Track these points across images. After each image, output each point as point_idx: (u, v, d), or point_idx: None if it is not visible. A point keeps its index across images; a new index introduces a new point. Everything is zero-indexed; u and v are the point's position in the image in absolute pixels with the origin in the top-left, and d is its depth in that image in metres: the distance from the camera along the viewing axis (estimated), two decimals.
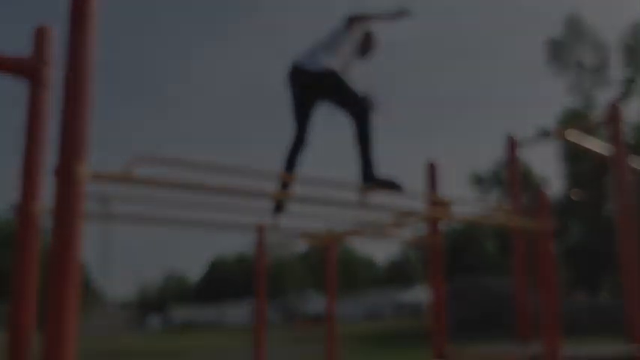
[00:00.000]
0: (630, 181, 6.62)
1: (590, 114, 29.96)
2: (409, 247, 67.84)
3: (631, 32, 30.88)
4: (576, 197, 29.17)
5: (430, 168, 5.95)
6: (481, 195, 34.22)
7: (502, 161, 30.75)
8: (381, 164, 4.34)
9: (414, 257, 69.16)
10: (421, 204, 5.05)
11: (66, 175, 2.48)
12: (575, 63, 31.61)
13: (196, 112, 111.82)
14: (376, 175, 4.31)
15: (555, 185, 33.25)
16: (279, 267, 57.83)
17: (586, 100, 31.36)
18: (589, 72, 31.50)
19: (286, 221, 5.28)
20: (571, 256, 30.52)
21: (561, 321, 5.13)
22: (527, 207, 7.59)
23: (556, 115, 31.28)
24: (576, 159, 29.53)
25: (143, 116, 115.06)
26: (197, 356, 20.11)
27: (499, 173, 33.11)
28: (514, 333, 7.14)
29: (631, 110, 29.31)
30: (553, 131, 26.72)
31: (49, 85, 3.36)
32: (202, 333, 41.35)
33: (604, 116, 7.21)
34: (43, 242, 3.34)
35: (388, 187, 4.30)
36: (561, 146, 30.45)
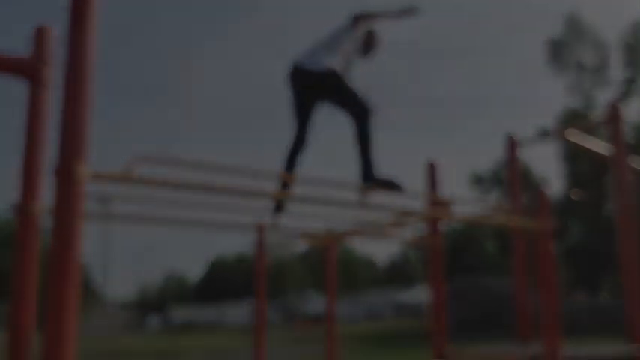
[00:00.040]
0: (630, 181, 6.62)
1: (590, 114, 29.96)
2: (409, 247, 67.80)
3: (631, 32, 30.88)
4: (576, 197, 29.16)
5: (430, 168, 5.95)
6: (481, 195, 34.19)
7: (502, 161, 30.71)
8: (381, 164, 4.34)
9: (414, 257, 69.11)
10: (421, 204, 5.06)
11: (66, 175, 2.48)
12: (575, 63, 31.61)
13: (196, 112, 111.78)
14: (376, 175, 4.31)
15: (555, 185, 33.23)
16: (279, 267, 57.80)
17: (586, 100, 31.35)
18: (589, 72, 31.50)
19: (286, 221, 5.29)
20: (571, 256, 30.52)
21: (561, 321, 5.13)
22: (527, 207, 7.60)
23: (556, 115, 31.29)
24: (576, 159, 29.52)
25: (143, 116, 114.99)
26: (197, 356, 20.11)
27: (499, 173, 33.07)
28: (514, 333, 7.14)
29: (631, 110, 29.31)
30: (553, 131, 26.74)
31: (49, 85, 3.37)
32: (202, 333, 41.33)
33: (604, 116, 7.21)
34: (43, 242, 3.34)
35: (388, 187, 4.30)
36: (561, 146, 30.45)
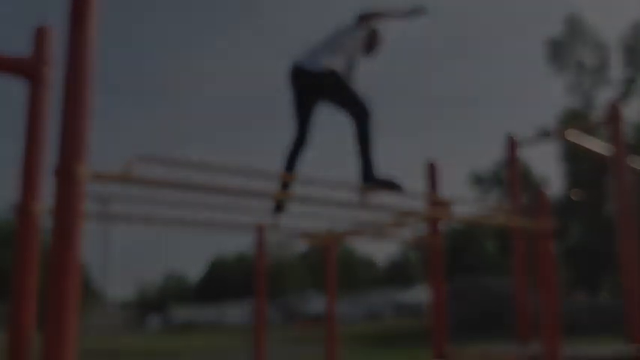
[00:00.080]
0: (630, 181, 6.62)
1: (590, 114, 29.98)
2: (409, 247, 67.79)
3: (631, 32, 30.90)
4: (576, 197, 29.16)
5: (430, 168, 5.95)
6: (481, 195, 34.22)
7: (502, 161, 30.73)
8: (381, 164, 4.34)
9: (414, 257, 69.11)
10: (421, 204, 5.05)
11: (66, 175, 2.48)
12: (575, 63, 31.62)
13: (196, 112, 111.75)
14: (376, 175, 4.30)
15: (555, 185, 33.22)
16: (279, 267, 57.81)
17: (586, 100, 31.37)
18: (589, 72, 31.52)
19: (286, 221, 5.29)
20: (571, 256, 30.51)
21: (561, 321, 5.13)
22: (527, 207, 7.60)
23: (556, 115, 31.29)
24: (576, 159, 29.51)
25: (143, 116, 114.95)
26: (197, 356, 20.10)
27: (499, 173, 33.09)
28: (514, 333, 7.14)
29: (631, 110, 29.31)
30: (553, 131, 26.72)
31: (49, 85, 3.37)
32: (202, 333, 41.32)
33: (604, 116, 7.22)
34: (43, 242, 3.34)
35: (388, 187, 4.30)
36: (561, 146, 30.45)
